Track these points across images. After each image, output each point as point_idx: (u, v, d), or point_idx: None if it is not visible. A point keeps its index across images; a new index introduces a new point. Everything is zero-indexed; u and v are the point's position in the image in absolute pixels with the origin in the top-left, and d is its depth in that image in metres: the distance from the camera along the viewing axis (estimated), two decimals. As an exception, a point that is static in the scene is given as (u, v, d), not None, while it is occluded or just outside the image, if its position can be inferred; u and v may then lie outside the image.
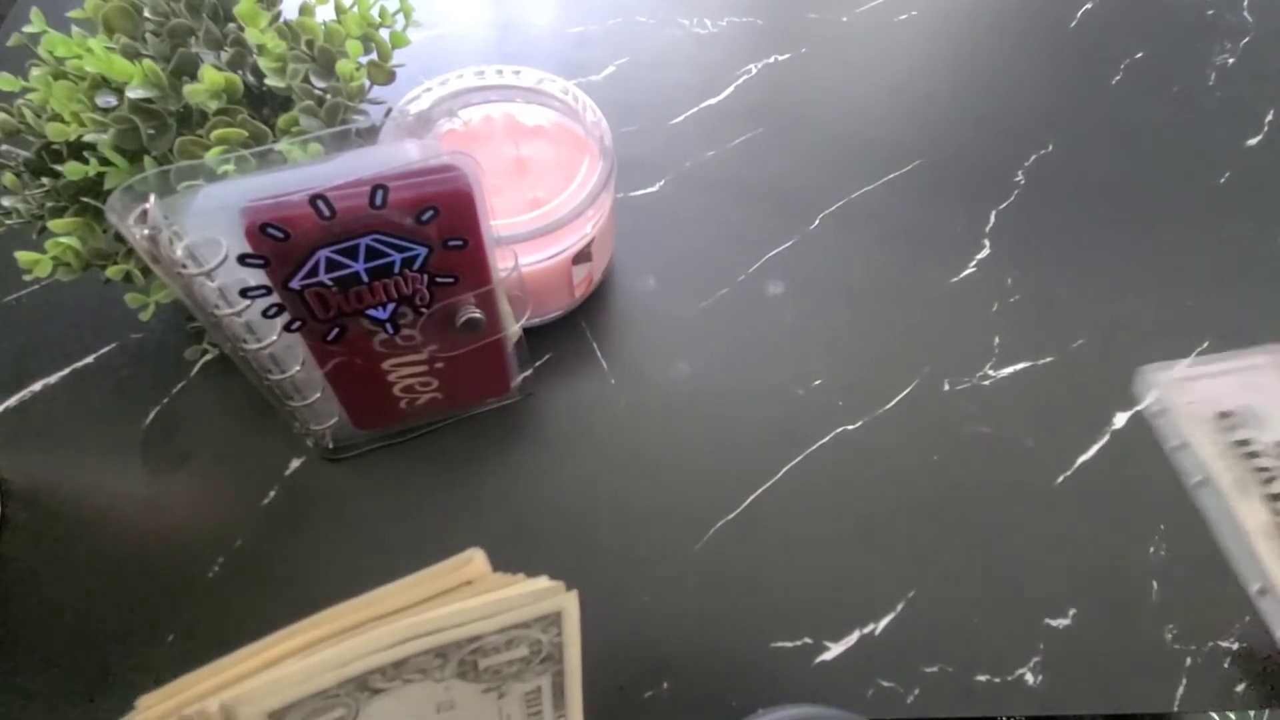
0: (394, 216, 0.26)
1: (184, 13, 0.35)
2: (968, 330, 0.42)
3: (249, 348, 0.29)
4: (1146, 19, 0.57)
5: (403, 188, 0.25)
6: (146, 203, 0.23)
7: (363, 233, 0.26)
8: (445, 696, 0.17)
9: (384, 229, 0.26)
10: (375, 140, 0.36)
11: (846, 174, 0.48)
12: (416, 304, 0.30)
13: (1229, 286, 0.44)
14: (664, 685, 0.32)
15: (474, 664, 0.17)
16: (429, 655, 0.16)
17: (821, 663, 0.33)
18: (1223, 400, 0.35)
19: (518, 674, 0.18)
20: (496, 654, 0.17)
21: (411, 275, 0.28)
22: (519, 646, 0.17)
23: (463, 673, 0.17)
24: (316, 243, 0.26)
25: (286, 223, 0.25)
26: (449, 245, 0.28)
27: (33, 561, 0.34)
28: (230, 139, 0.31)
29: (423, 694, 0.17)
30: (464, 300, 0.31)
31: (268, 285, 0.27)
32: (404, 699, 0.16)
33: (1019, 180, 0.48)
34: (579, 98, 0.38)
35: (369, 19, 0.36)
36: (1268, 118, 0.51)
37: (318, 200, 0.24)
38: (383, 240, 0.26)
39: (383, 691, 0.16)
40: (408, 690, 0.16)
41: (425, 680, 0.16)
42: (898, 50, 0.56)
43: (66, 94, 0.31)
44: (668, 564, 0.35)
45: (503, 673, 0.17)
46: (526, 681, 0.18)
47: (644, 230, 0.45)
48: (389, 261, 0.27)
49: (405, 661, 0.16)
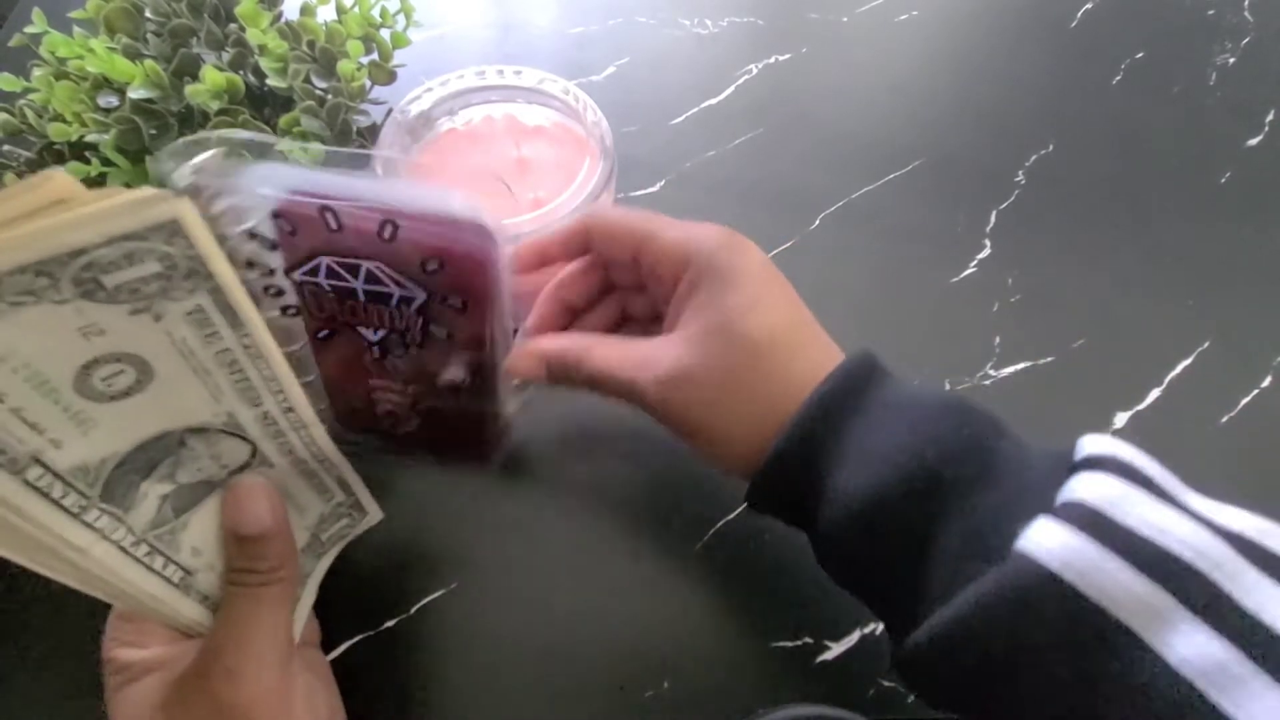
0: (401, 253, 0.25)
1: (185, 13, 0.35)
2: (968, 330, 0.42)
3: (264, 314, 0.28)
4: (1147, 19, 0.57)
5: (417, 230, 0.24)
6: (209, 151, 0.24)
7: (366, 257, 0.25)
8: (83, 320, 0.16)
9: (388, 262, 0.25)
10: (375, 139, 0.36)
11: (847, 174, 0.48)
12: (407, 341, 0.29)
13: (1230, 286, 0.44)
14: (664, 685, 0.32)
15: (96, 281, 0.16)
16: (26, 274, 0.15)
17: (822, 662, 0.33)
18: None
19: (163, 292, 0.17)
20: (120, 270, 0.16)
21: (407, 313, 0.28)
22: (147, 261, 0.16)
23: (87, 292, 0.16)
24: (320, 248, 0.25)
25: (295, 220, 0.25)
26: (447, 302, 0.27)
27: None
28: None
29: (50, 318, 0.16)
30: (454, 357, 0.29)
31: (273, 267, 0.26)
32: (26, 325, 0.16)
33: (1020, 180, 0.48)
34: (580, 98, 0.38)
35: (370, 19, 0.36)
36: (1268, 118, 0.51)
37: (326, 211, 0.24)
38: (384, 271, 0.26)
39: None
40: (24, 315, 0.15)
41: (41, 303, 0.15)
42: (898, 50, 0.56)
43: (68, 94, 0.31)
44: (668, 563, 0.35)
45: (142, 291, 0.17)
46: (180, 300, 0.17)
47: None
48: (386, 292, 0.27)
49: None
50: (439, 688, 0.31)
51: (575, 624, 0.33)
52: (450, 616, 0.33)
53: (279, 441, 0.23)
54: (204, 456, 0.22)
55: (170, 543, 0.22)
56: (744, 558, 0.35)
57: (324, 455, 0.25)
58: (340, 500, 0.28)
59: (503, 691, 0.32)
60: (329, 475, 0.26)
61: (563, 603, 0.33)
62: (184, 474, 0.22)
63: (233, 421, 0.21)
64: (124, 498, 0.20)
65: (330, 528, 0.28)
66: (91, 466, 0.19)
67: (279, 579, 0.24)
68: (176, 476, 0.22)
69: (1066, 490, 0.21)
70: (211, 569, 0.24)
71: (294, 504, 0.26)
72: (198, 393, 0.20)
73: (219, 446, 0.22)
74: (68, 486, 0.19)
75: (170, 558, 0.22)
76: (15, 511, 0.18)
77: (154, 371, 0.19)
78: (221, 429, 0.21)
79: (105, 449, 0.19)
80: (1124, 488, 0.21)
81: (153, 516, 0.21)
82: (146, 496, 0.21)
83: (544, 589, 0.34)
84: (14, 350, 0.16)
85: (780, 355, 0.26)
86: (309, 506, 0.27)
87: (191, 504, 0.23)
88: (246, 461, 0.23)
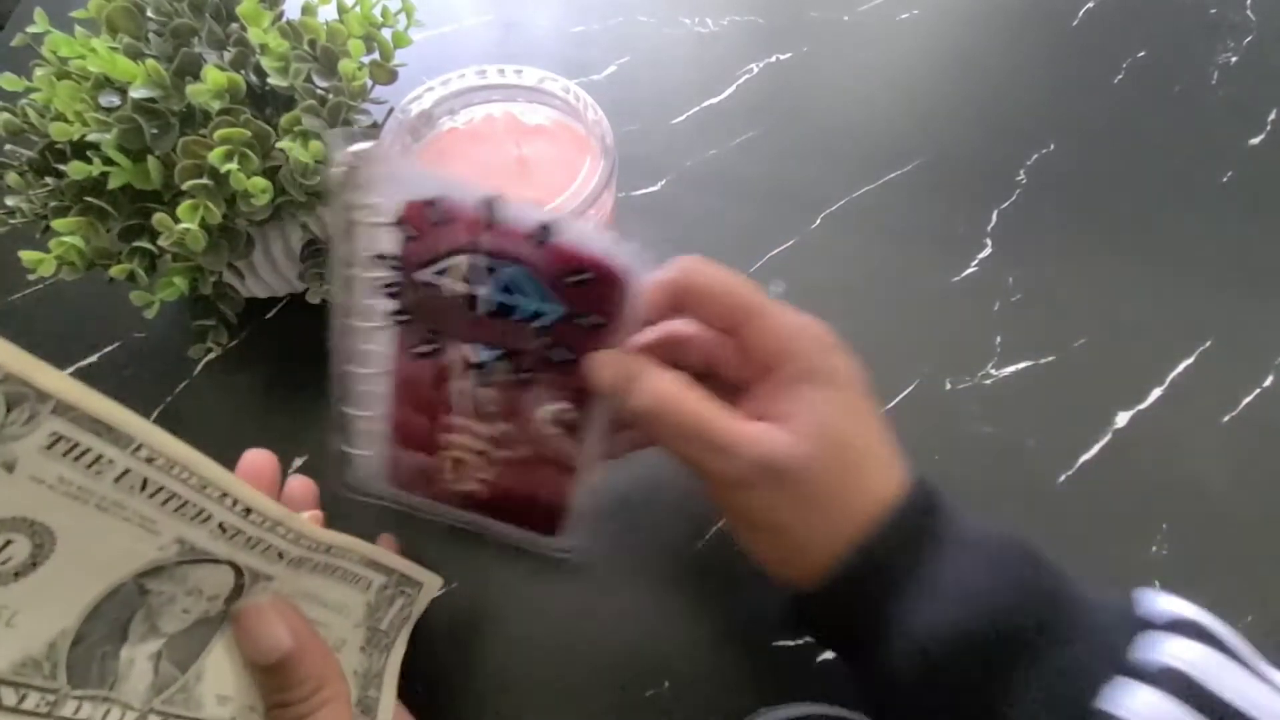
0: (549, 259, 0.24)
1: (187, 13, 0.35)
2: (969, 329, 0.42)
3: (351, 322, 0.27)
4: (1148, 18, 0.57)
5: (572, 236, 0.24)
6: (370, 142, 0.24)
7: (512, 259, 0.24)
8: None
9: (533, 267, 0.25)
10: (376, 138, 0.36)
11: (848, 173, 0.48)
12: (521, 365, 0.27)
13: (1231, 285, 0.44)
14: (665, 684, 0.32)
15: None
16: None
17: (823, 661, 0.33)
18: None
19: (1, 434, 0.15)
20: None
21: (529, 330, 0.26)
22: None
23: None
24: (461, 246, 0.25)
25: (446, 213, 0.24)
26: (585, 320, 0.25)
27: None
28: (233, 139, 0.31)
29: None
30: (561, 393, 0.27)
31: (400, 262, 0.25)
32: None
33: (1021, 179, 0.48)
34: (580, 97, 0.38)
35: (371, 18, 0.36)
36: (1270, 117, 0.51)
37: (490, 201, 0.24)
38: (524, 278, 0.25)
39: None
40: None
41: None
42: (899, 49, 0.56)
43: (70, 94, 0.31)
44: (668, 562, 0.35)
45: None
46: (20, 438, 0.15)
47: (645, 229, 0.45)
48: (516, 304, 0.26)
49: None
50: (439, 687, 0.31)
51: (575, 624, 0.33)
52: (450, 616, 0.33)
53: (258, 550, 0.20)
54: (180, 596, 0.19)
55: (187, 701, 0.19)
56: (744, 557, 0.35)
57: (327, 544, 0.22)
58: (382, 583, 0.25)
59: (503, 691, 0.32)
60: (350, 562, 0.24)
61: (563, 603, 0.33)
62: (167, 622, 0.19)
63: (188, 548, 0.18)
64: (103, 675, 0.18)
65: (386, 614, 0.26)
66: (38, 657, 0.16)
67: (323, 701, 0.21)
68: (160, 628, 0.19)
69: (1151, 651, 0.21)
70: (253, 711, 0.21)
71: (325, 607, 0.23)
72: (120, 534, 0.17)
73: (192, 579, 0.19)
74: (22, 688, 0.16)
75: (194, 718, 0.20)
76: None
77: (49, 529, 0.16)
78: (180, 560, 0.18)
79: (45, 633, 0.16)
80: (1213, 656, 0.21)
81: (151, 680, 0.19)
82: (134, 662, 0.18)
83: (544, 589, 0.34)
84: None
85: (869, 467, 0.25)
86: (347, 604, 0.24)
87: (197, 652, 0.20)
88: (237, 584, 0.20)
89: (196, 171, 0.31)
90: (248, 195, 0.31)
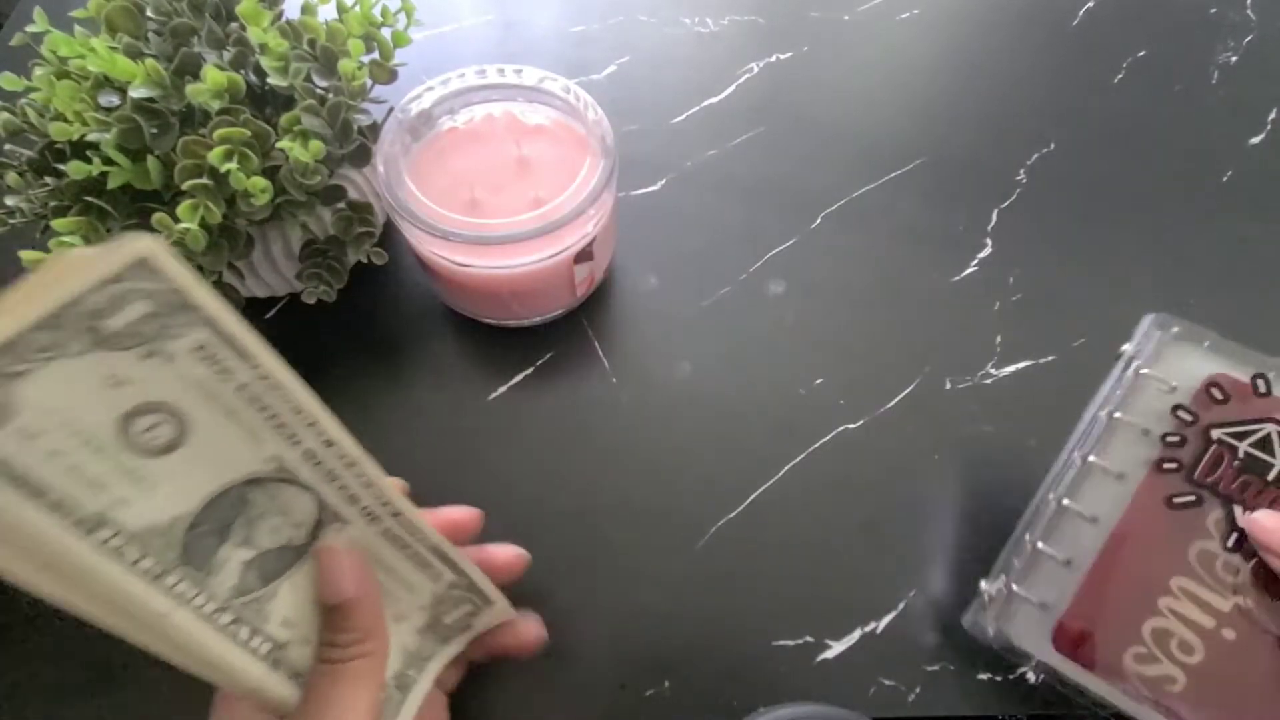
0: None
1: (186, 12, 0.35)
2: (969, 329, 0.42)
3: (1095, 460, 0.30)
4: (1149, 17, 0.57)
5: None
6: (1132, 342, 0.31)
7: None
8: (104, 369, 0.17)
9: None
10: (376, 138, 0.36)
11: (848, 172, 0.48)
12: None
13: (1231, 285, 0.44)
14: (665, 684, 0.32)
15: (96, 329, 0.17)
16: (38, 332, 0.16)
17: (823, 661, 0.33)
18: None
19: (161, 331, 0.18)
20: (114, 314, 0.17)
21: None
22: (136, 302, 0.17)
23: (96, 341, 0.17)
24: (1260, 413, 0.29)
25: (1228, 389, 0.29)
26: None
27: (36, 559, 0.34)
28: (233, 138, 0.31)
29: (73, 371, 0.17)
30: None
31: (1194, 418, 0.30)
32: (56, 379, 0.16)
33: (1021, 179, 0.48)
34: (580, 96, 0.38)
35: (371, 18, 0.36)
36: (1270, 116, 0.51)
37: (1258, 378, 0.29)
38: None
39: (21, 375, 0.16)
40: (50, 371, 0.16)
41: (60, 358, 0.16)
42: (900, 49, 0.56)
43: (69, 93, 0.31)
44: (669, 562, 0.35)
45: (142, 333, 0.17)
46: (179, 337, 0.18)
47: (646, 229, 0.45)
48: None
49: (12, 344, 0.16)
50: (440, 686, 0.31)
51: (575, 623, 0.33)
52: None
53: (336, 485, 0.22)
54: (272, 514, 0.21)
55: (258, 613, 0.21)
56: (744, 557, 0.35)
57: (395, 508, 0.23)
58: (452, 580, 0.26)
59: (504, 690, 0.32)
60: (421, 545, 0.25)
61: (563, 602, 0.33)
62: (262, 537, 0.21)
63: (282, 467, 0.21)
64: (204, 562, 0.20)
65: (451, 612, 0.27)
66: (163, 528, 0.19)
67: (362, 653, 0.23)
68: (254, 540, 0.21)
69: None
70: (306, 643, 0.23)
71: (396, 579, 0.25)
72: (237, 438, 0.20)
73: (281, 498, 0.21)
74: (143, 548, 0.19)
75: (258, 629, 0.21)
76: (89, 575, 0.18)
77: (190, 419, 0.19)
78: (275, 477, 0.21)
79: (172, 509, 0.19)
80: None
81: (236, 583, 0.21)
82: (228, 562, 0.21)
83: (544, 588, 0.34)
84: (51, 407, 0.17)
85: None
86: (415, 585, 0.25)
87: (278, 572, 0.22)
88: (319, 518, 0.22)
89: (196, 171, 0.31)
90: (247, 195, 0.31)
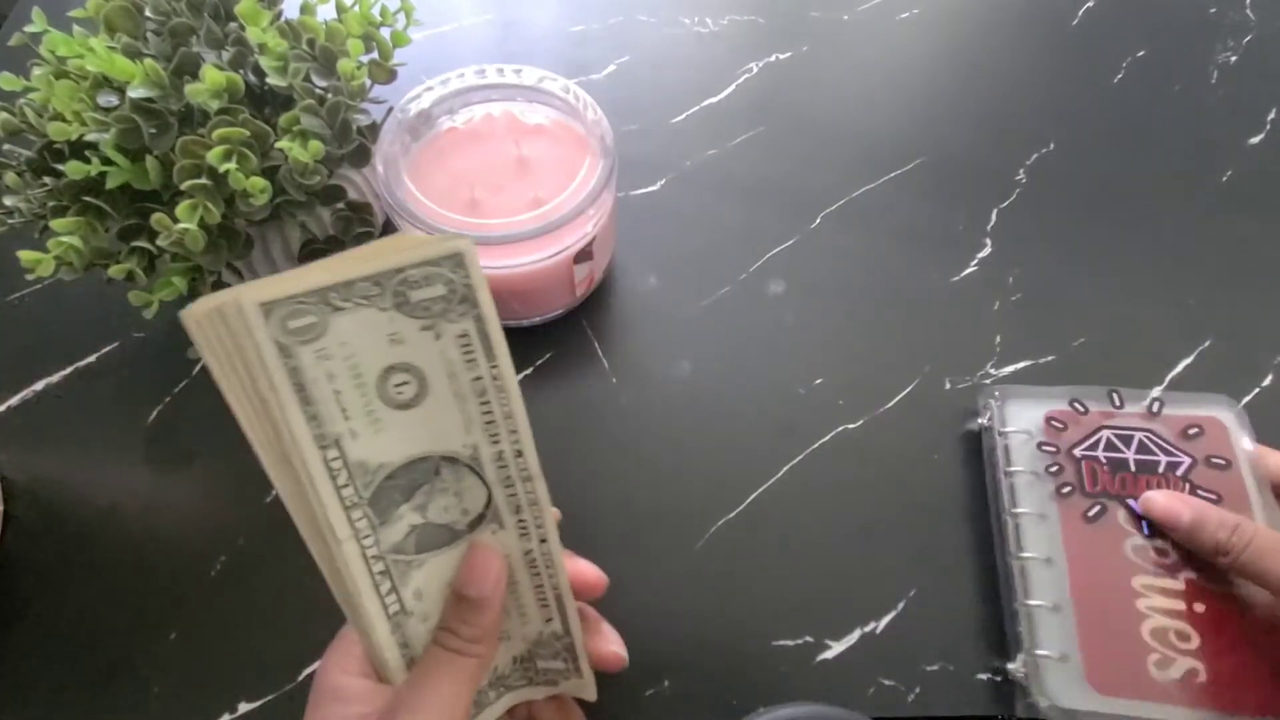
0: (1165, 423, 0.35)
1: (185, 12, 0.35)
2: (969, 329, 0.42)
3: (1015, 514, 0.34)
4: (1148, 17, 0.57)
5: (1175, 404, 0.36)
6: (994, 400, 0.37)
7: (1138, 429, 0.35)
8: (393, 328, 0.21)
9: (1155, 432, 0.35)
10: (375, 138, 0.36)
11: (848, 172, 0.48)
12: None
13: (1230, 285, 0.44)
14: (665, 683, 0.32)
15: (405, 296, 0.20)
16: (367, 282, 0.20)
17: (823, 661, 0.33)
18: None
19: (443, 312, 0.21)
20: (421, 288, 0.21)
21: (1173, 479, 0.33)
22: (436, 284, 0.21)
23: (399, 304, 0.20)
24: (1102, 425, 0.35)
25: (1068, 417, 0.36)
26: (1211, 462, 0.33)
27: (36, 560, 0.34)
28: (232, 138, 0.31)
29: (374, 320, 0.20)
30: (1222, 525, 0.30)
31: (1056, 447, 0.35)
32: (359, 321, 0.20)
33: (1020, 179, 0.48)
34: (580, 96, 0.38)
35: (370, 18, 0.36)
36: (1269, 116, 0.51)
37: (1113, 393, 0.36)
38: (1152, 439, 0.35)
39: (342, 310, 0.20)
40: (360, 314, 0.20)
41: (371, 306, 0.20)
42: (899, 48, 0.56)
43: (68, 93, 0.31)
44: (668, 562, 0.35)
45: (432, 309, 0.21)
46: (454, 322, 0.21)
47: (645, 229, 0.45)
48: (1154, 460, 0.34)
49: (351, 284, 0.20)
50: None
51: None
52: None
53: (507, 492, 0.24)
54: (451, 493, 0.23)
55: (403, 574, 0.23)
56: (744, 557, 0.35)
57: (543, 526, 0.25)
58: (558, 631, 0.27)
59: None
60: (549, 582, 0.26)
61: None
62: (434, 510, 0.23)
63: (475, 457, 0.23)
64: (383, 511, 0.22)
65: (547, 660, 0.27)
66: (371, 468, 0.22)
67: (475, 653, 0.24)
68: (427, 510, 0.23)
69: None
70: (424, 620, 0.24)
71: (515, 600, 0.26)
72: (455, 418, 0.22)
73: (464, 483, 0.24)
74: (350, 478, 0.21)
75: (396, 588, 0.23)
76: (310, 481, 0.21)
77: (431, 389, 0.22)
78: (467, 463, 0.23)
79: (383, 456, 0.22)
80: None
81: (398, 541, 0.23)
82: (400, 520, 0.23)
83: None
84: (349, 341, 0.20)
85: None
86: (530, 616, 0.26)
87: (431, 546, 0.24)
88: (482, 512, 0.24)
89: (195, 171, 0.31)
90: (246, 195, 0.31)
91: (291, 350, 0.20)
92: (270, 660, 0.32)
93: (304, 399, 0.20)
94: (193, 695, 0.32)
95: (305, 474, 0.21)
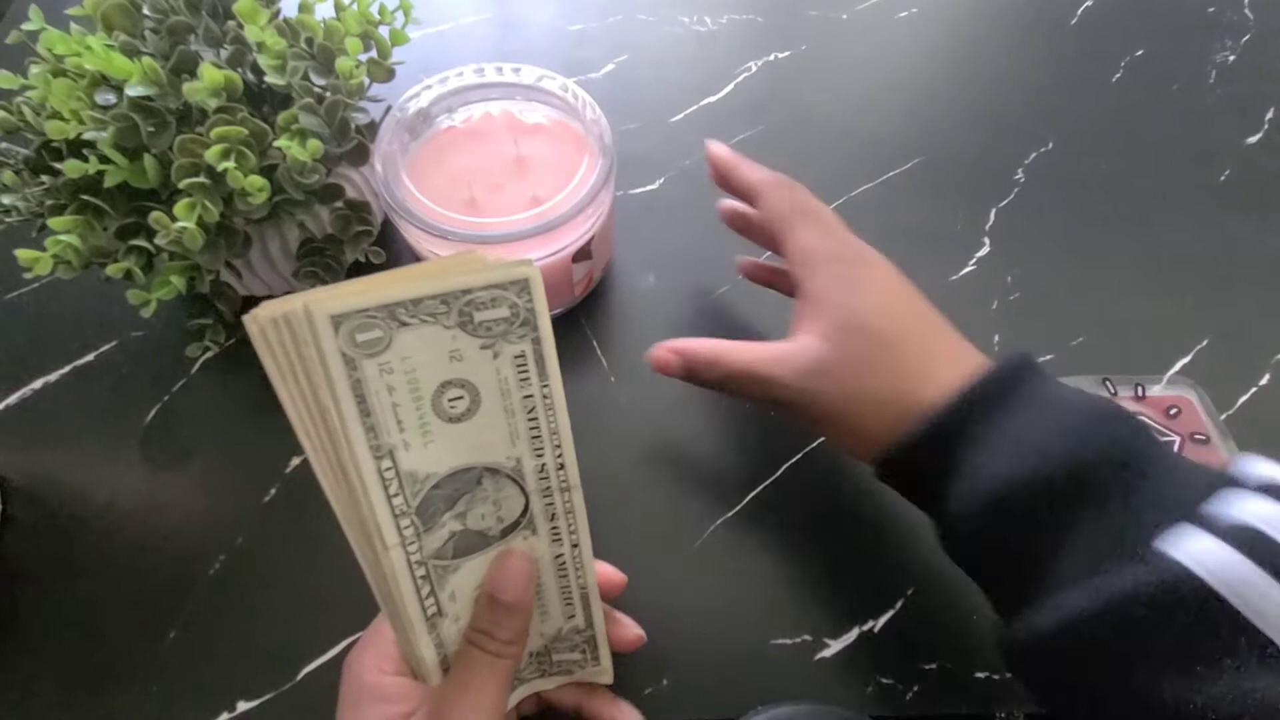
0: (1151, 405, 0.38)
1: (183, 10, 0.35)
2: (967, 328, 0.42)
3: None
4: (1147, 16, 0.57)
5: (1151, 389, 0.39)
6: None
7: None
8: (454, 345, 0.21)
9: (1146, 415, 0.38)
10: (374, 137, 0.36)
11: (846, 172, 0.48)
12: None
13: (1229, 285, 0.44)
14: (664, 682, 0.32)
15: (470, 316, 0.21)
16: (435, 300, 0.21)
17: (821, 659, 0.33)
18: None
19: (504, 334, 0.22)
20: (485, 310, 0.21)
21: None
22: (501, 306, 0.21)
23: (463, 323, 0.21)
24: None
25: None
26: (1194, 438, 0.37)
27: (34, 559, 0.34)
28: (230, 137, 0.31)
29: (437, 337, 0.21)
30: None
31: None
32: (422, 337, 0.21)
33: (1019, 178, 0.48)
34: (578, 95, 0.38)
35: (368, 16, 0.36)
36: (1268, 115, 0.51)
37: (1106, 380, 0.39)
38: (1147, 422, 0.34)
39: (407, 325, 0.20)
40: (425, 330, 0.21)
41: (436, 324, 0.21)
42: (898, 48, 0.56)
43: (66, 91, 0.31)
44: (667, 561, 0.35)
45: (494, 330, 0.22)
46: (513, 343, 0.22)
47: (644, 228, 0.45)
48: None
49: (419, 301, 0.20)
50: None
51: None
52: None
53: (545, 502, 0.25)
54: (490, 501, 0.24)
55: (440, 578, 0.24)
56: (744, 555, 0.35)
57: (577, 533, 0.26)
58: (579, 626, 0.28)
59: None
60: (577, 584, 0.27)
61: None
62: (473, 518, 0.24)
63: (518, 468, 0.24)
64: (429, 519, 0.23)
65: (564, 652, 0.28)
66: (420, 477, 0.22)
67: (511, 654, 0.25)
68: (467, 518, 0.24)
69: (1228, 506, 0.21)
70: (455, 621, 0.25)
71: (539, 600, 0.27)
72: (502, 432, 0.23)
73: (504, 492, 0.24)
74: (400, 487, 0.22)
75: (434, 592, 0.24)
76: (363, 489, 0.21)
77: (482, 404, 0.23)
78: (509, 474, 0.24)
79: (431, 466, 0.23)
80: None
81: (439, 547, 0.24)
82: (443, 527, 0.24)
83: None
84: (411, 355, 0.21)
85: (910, 347, 0.29)
86: (552, 615, 0.27)
87: (468, 551, 0.24)
88: (518, 520, 0.25)
89: (193, 170, 0.31)
90: (245, 193, 0.31)
91: (357, 362, 0.20)
92: (269, 659, 0.32)
93: (364, 410, 0.21)
94: (192, 695, 0.32)
95: (359, 482, 0.21)
